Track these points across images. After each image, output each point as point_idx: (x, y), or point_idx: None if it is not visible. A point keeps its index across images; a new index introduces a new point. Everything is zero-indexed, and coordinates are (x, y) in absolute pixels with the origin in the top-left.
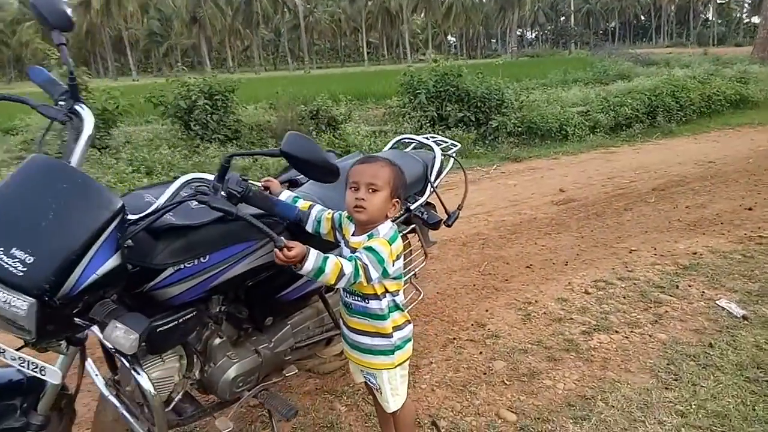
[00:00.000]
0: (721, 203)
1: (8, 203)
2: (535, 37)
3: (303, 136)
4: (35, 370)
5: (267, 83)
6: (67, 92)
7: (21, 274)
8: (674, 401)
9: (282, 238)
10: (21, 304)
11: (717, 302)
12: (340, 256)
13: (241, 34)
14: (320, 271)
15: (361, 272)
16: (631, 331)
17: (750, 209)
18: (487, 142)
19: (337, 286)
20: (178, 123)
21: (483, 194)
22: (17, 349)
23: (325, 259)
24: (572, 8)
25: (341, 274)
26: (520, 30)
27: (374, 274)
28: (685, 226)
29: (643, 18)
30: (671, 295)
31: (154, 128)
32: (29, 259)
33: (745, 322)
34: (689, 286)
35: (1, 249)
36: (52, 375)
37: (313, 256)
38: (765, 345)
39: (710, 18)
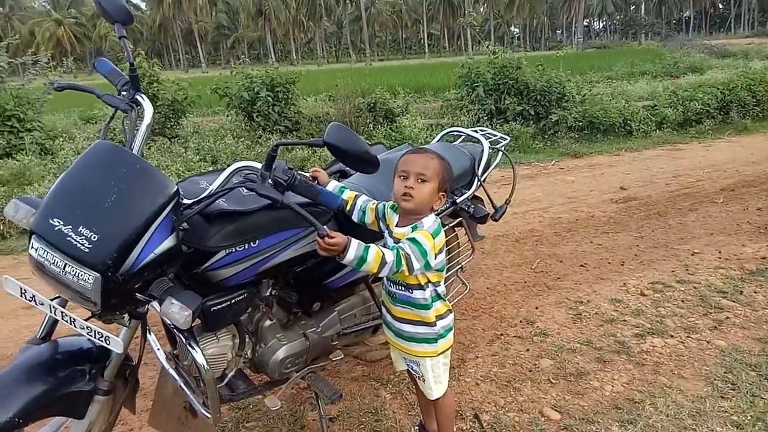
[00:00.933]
0: None
1: (75, 185)
2: (603, 27)
3: (344, 127)
4: (101, 339)
5: (328, 75)
6: (129, 83)
7: (87, 250)
8: (730, 411)
9: (324, 227)
10: (87, 277)
11: None
12: (384, 246)
13: (304, 26)
14: (362, 260)
15: (403, 262)
16: (688, 336)
17: None
18: (546, 136)
19: (379, 275)
20: (241, 114)
21: (539, 190)
22: (86, 320)
23: (367, 248)
24: None
25: (383, 263)
26: (587, 20)
27: (416, 265)
28: (755, 229)
29: (721, 6)
30: (734, 301)
31: (220, 119)
32: (94, 237)
33: None
34: (755, 292)
35: (70, 227)
36: (116, 344)
37: (355, 245)
38: None
39: None
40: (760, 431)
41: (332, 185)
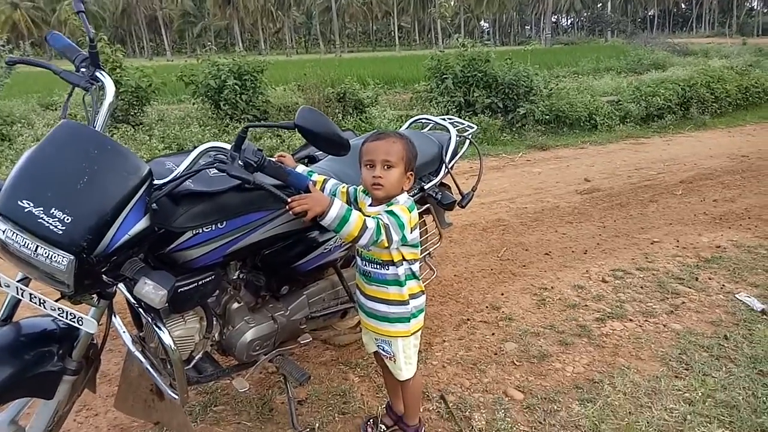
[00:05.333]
0: (751, 198)
1: (45, 166)
2: (571, 24)
3: (315, 110)
4: (73, 320)
5: (297, 65)
6: (88, 59)
7: (60, 232)
8: (683, 390)
9: (285, 197)
10: (61, 259)
11: (736, 296)
12: None
13: (273, 15)
14: (344, 219)
15: (382, 231)
16: (645, 320)
17: None
18: (514, 129)
19: (360, 243)
20: (208, 102)
21: (506, 181)
22: (56, 301)
23: (349, 209)
24: None
25: (364, 227)
26: (555, 17)
27: (395, 237)
28: (711, 219)
29: (683, 6)
30: (690, 287)
31: (186, 107)
32: (68, 219)
33: (764, 316)
34: (709, 278)
35: (41, 209)
36: (89, 325)
37: (338, 204)
38: None
39: (755, 7)
40: (710, 407)
41: (300, 169)
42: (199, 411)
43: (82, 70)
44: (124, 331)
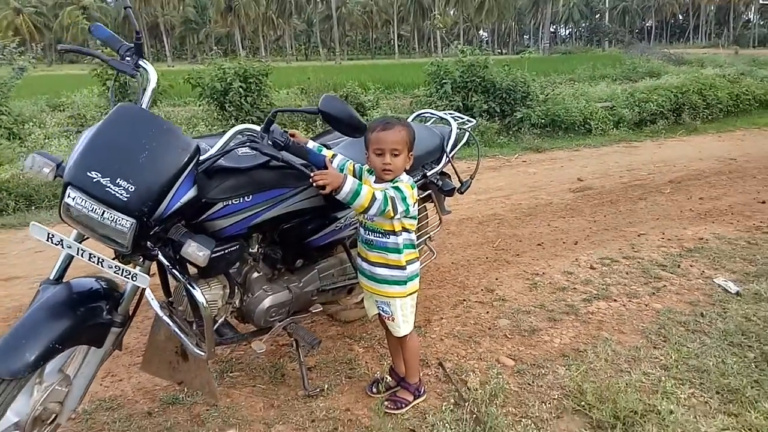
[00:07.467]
0: (735, 196)
1: (109, 143)
2: (569, 34)
3: (336, 97)
4: (127, 276)
5: (298, 71)
6: (132, 49)
7: (125, 199)
8: (659, 357)
9: (310, 172)
10: (125, 222)
11: (714, 280)
12: None
13: (274, 23)
14: (356, 193)
15: (389, 202)
16: (629, 300)
17: (763, 203)
18: (510, 132)
19: (368, 213)
20: (214, 104)
21: (502, 180)
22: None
23: (360, 184)
24: (608, 5)
25: (373, 199)
26: (554, 26)
27: (399, 208)
28: (696, 215)
29: (681, 17)
30: (672, 273)
31: (192, 109)
32: (131, 188)
33: (738, 297)
34: (690, 266)
35: (108, 179)
36: (142, 280)
37: (350, 180)
38: (753, 317)
39: (752, 19)
40: (683, 371)
41: (311, 145)
42: (216, 377)
43: (127, 58)
44: (152, 298)
